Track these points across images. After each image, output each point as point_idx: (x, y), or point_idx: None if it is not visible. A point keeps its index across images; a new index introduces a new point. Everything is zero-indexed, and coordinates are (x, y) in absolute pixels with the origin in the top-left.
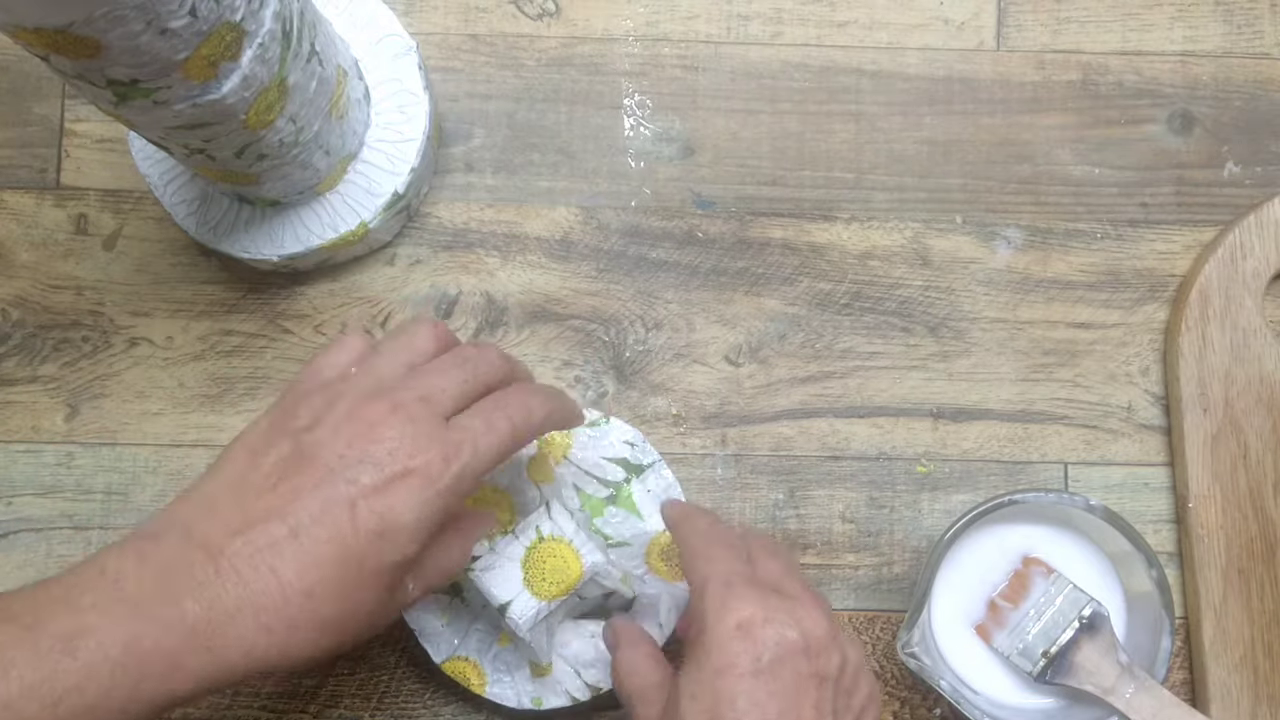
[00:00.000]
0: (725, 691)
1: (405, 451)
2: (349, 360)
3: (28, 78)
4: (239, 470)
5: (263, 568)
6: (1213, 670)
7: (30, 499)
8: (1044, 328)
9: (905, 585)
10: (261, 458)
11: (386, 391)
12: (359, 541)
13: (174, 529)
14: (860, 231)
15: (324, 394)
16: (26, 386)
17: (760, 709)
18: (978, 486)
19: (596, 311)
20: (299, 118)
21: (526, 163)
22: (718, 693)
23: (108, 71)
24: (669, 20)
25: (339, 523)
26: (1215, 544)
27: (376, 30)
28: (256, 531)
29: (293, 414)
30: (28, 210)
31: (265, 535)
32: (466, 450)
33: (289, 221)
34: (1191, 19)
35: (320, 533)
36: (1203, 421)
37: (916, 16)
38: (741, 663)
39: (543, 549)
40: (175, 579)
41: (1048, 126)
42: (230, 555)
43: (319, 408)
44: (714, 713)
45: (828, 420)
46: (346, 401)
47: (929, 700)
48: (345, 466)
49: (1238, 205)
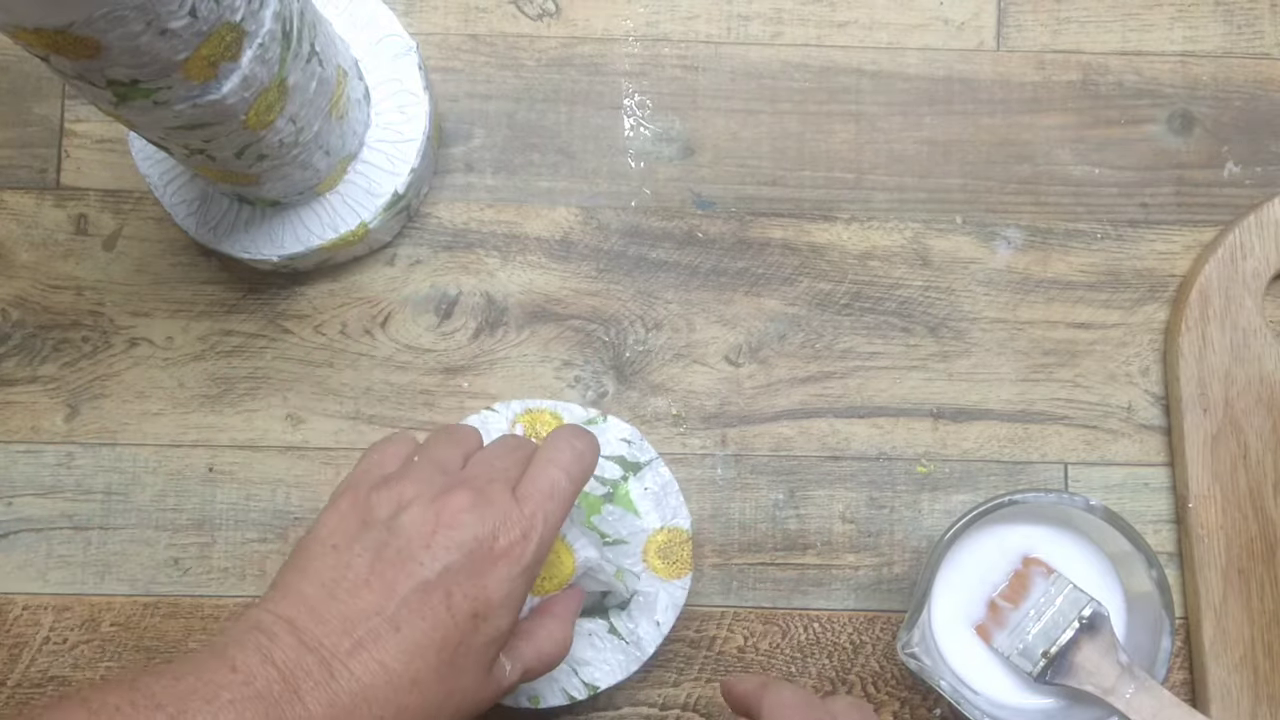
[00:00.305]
0: None
1: (490, 536)
2: (399, 455)
3: (28, 78)
4: (329, 569)
5: (371, 663)
6: (1213, 670)
7: (30, 499)
8: (1044, 328)
9: (905, 585)
10: (348, 554)
11: (458, 479)
12: (457, 627)
13: (283, 627)
14: (860, 231)
15: (394, 486)
16: (26, 386)
17: None
18: (978, 486)
19: (596, 311)
20: (299, 118)
21: (526, 163)
22: None
23: (108, 72)
24: (669, 20)
25: (437, 612)
26: (1215, 544)
27: (376, 30)
28: (362, 630)
29: (369, 507)
30: (28, 210)
31: (370, 632)
32: (539, 521)
33: (289, 222)
34: (1191, 19)
35: (421, 623)
36: (1203, 421)
37: (916, 16)
38: None
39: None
40: (297, 680)
41: (1048, 126)
42: (342, 657)
43: (396, 499)
44: None
45: (828, 420)
46: (422, 492)
47: (929, 700)
48: (435, 557)
49: (1238, 205)
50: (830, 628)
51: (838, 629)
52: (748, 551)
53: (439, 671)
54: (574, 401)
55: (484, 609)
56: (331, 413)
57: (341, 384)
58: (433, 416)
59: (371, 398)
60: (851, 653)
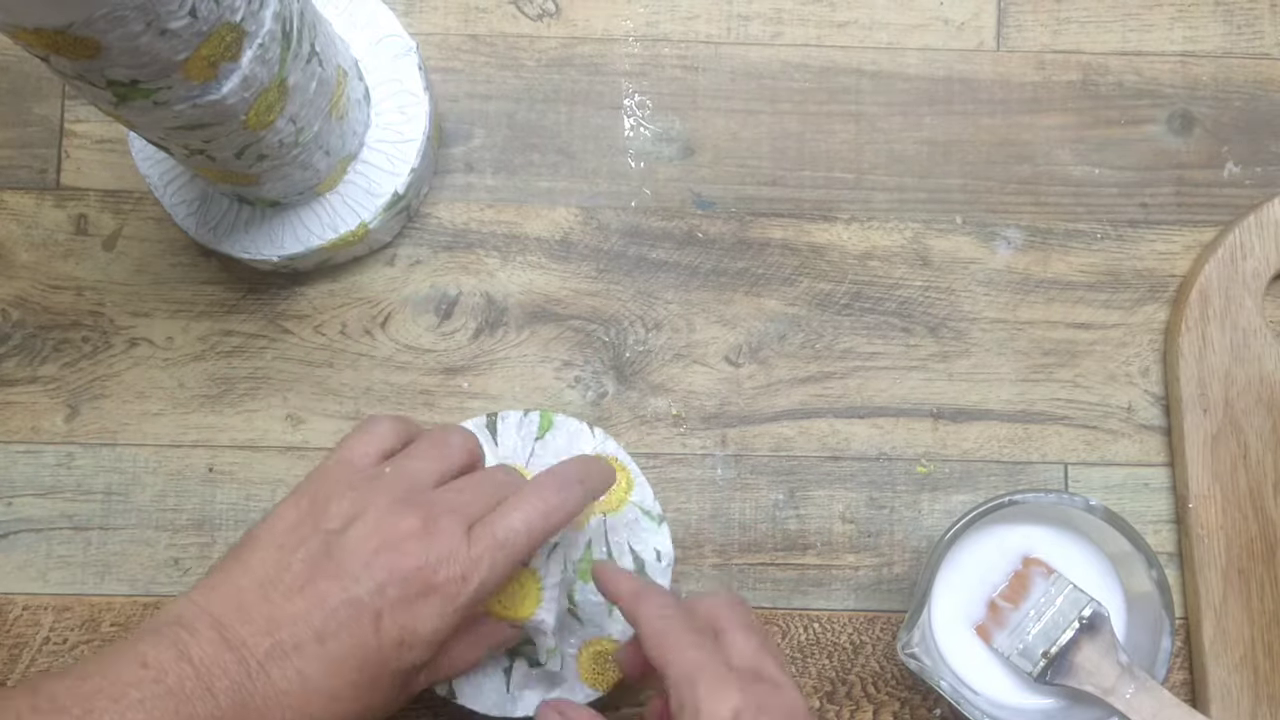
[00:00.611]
0: None
1: (430, 569)
2: (379, 449)
3: (28, 78)
4: (268, 567)
5: (290, 671)
6: (1213, 670)
7: (30, 499)
8: (1044, 328)
9: (905, 585)
10: (290, 555)
11: (417, 501)
12: (381, 650)
13: (207, 622)
14: (860, 232)
15: (355, 494)
16: (26, 387)
17: None
18: (978, 487)
19: (596, 312)
20: (299, 118)
21: (526, 163)
22: None
23: (108, 72)
24: (669, 20)
25: (364, 632)
26: (1215, 544)
27: (376, 30)
28: (285, 635)
29: (324, 511)
30: (28, 210)
31: (293, 640)
32: (484, 566)
33: (289, 222)
34: (1191, 19)
35: (346, 640)
36: (1203, 421)
37: (916, 16)
38: None
39: (519, 572)
40: (212, 678)
41: (1048, 126)
42: (261, 658)
43: (350, 509)
44: None
45: (828, 420)
46: (378, 507)
47: (929, 700)
48: (371, 577)
49: (1238, 205)
50: (830, 628)
51: (838, 629)
52: (748, 551)
53: (356, 688)
54: (573, 401)
55: (410, 639)
56: (331, 413)
57: (341, 384)
58: (433, 416)
59: (371, 398)
60: (851, 653)
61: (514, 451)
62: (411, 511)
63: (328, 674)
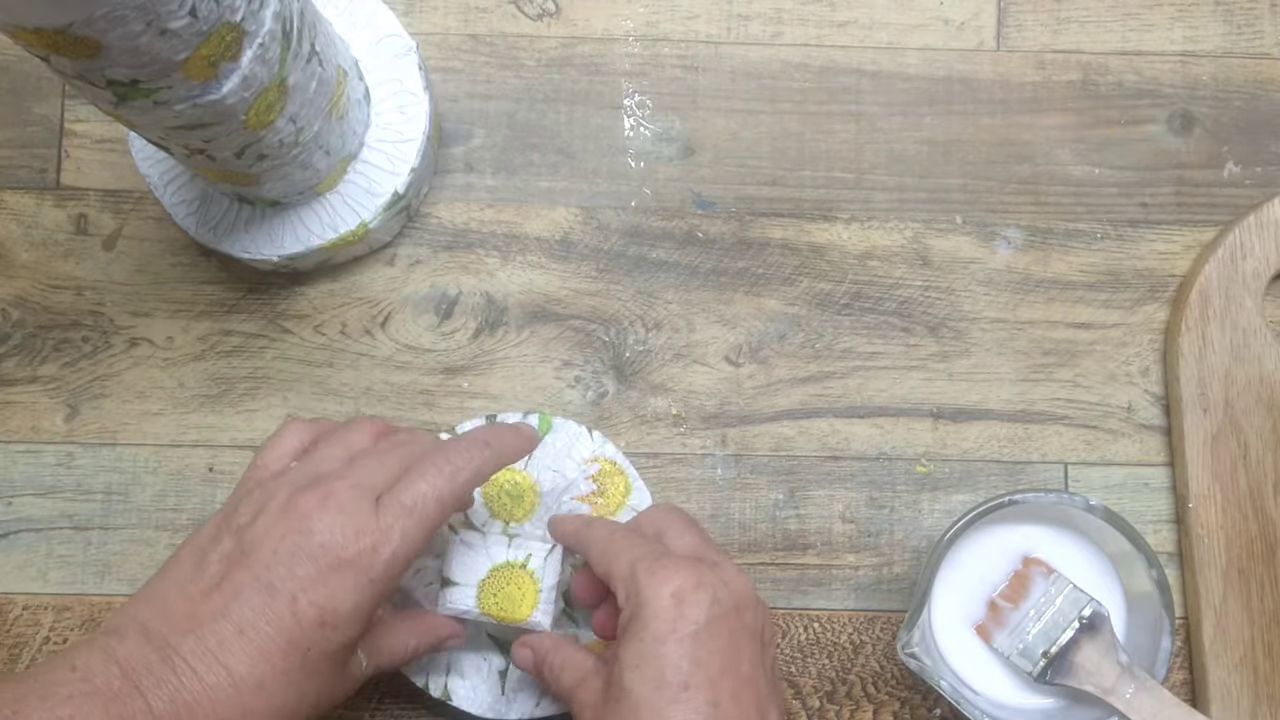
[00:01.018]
0: (669, 656)
1: (337, 543)
2: (290, 450)
3: (28, 78)
4: (186, 570)
5: (215, 665)
6: (1213, 670)
7: (30, 499)
8: (1044, 328)
9: (905, 585)
10: (207, 555)
11: (320, 482)
12: (303, 632)
13: (133, 627)
14: (860, 231)
15: (264, 489)
16: (26, 386)
17: (704, 667)
18: (978, 486)
19: (596, 311)
20: (299, 118)
21: (526, 163)
22: (662, 658)
23: (108, 72)
24: (669, 20)
25: (281, 617)
26: (1215, 544)
27: (376, 30)
28: (206, 630)
29: (235, 511)
30: (28, 210)
31: (214, 634)
32: (395, 536)
33: (289, 221)
34: (1191, 19)
35: (266, 628)
36: (1203, 421)
37: (916, 16)
38: (681, 627)
39: (517, 574)
40: (138, 677)
41: (1048, 126)
42: (185, 654)
43: (258, 503)
44: (660, 678)
45: (828, 420)
46: (282, 495)
47: (929, 700)
48: (281, 561)
49: (1238, 205)
50: (830, 628)
51: (838, 629)
52: (748, 551)
53: (288, 675)
54: (573, 401)
55: (330, 617)
56: (331, 413)
57: (341, 384)
58: (433, 416)
59: (371, 398)
60: (851, 653)
61: None
62: (314, 491)
63: (253, 664)
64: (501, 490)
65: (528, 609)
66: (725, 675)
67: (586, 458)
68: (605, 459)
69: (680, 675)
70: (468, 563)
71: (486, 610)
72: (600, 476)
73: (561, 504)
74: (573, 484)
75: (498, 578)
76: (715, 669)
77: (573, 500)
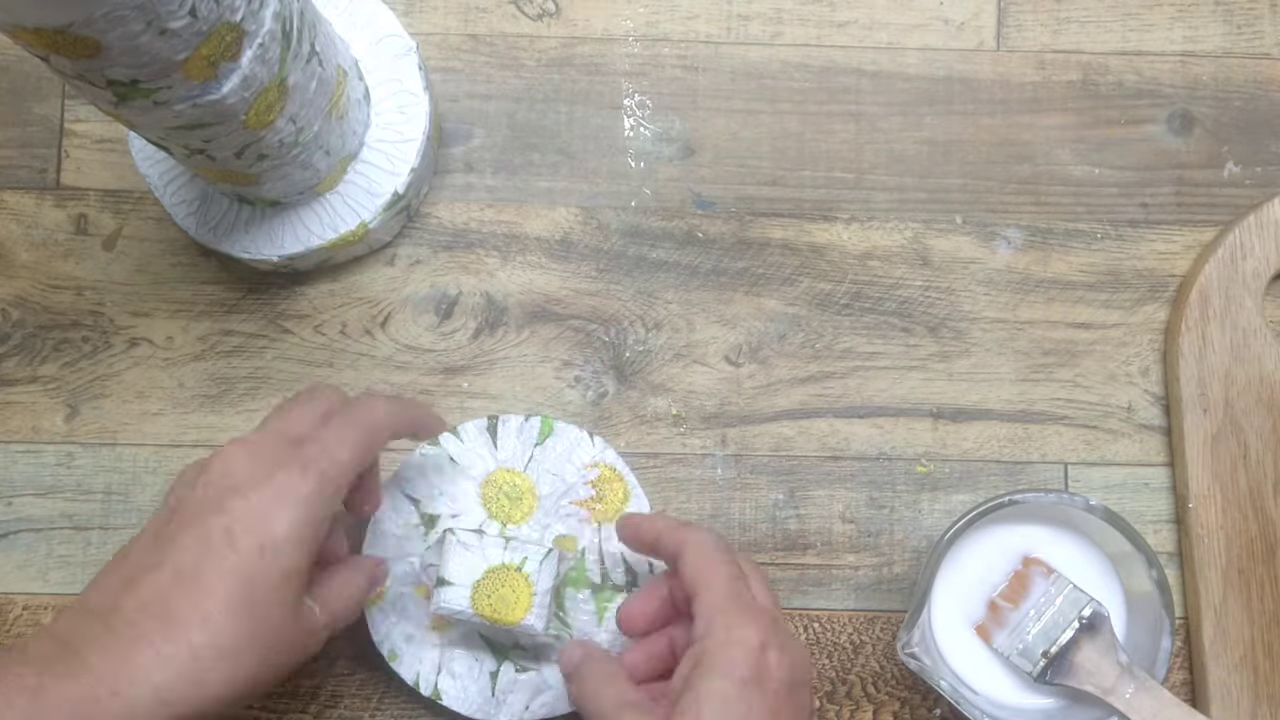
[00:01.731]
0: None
1: (263, 471)
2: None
3: (28, 78)
4: (126, 548)
5: (153, 610)
6: (1213, 670)
7: (30, 499)
8: (1044, 328)
9: (905, 585)
10: (147, 532)
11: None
12: (244, 561)
13: (75, 607)
14: (860, 231)
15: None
16: (26, 386)
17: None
18: (978, 486)
19: (596, 311)
20: (299, 118)
21: (526, 163)
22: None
23: (108, 72)
24: (669, 20)
25: (219, 550)
26: (1215, 544)
27: (376, 30)
28: (142, 585)
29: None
30: (28, 210)
31: (151, 585)
32: (322, 459)
33: (289, 222)
34: (1191, 19)
35: (205, 564)
36: (1203, 421)
37: (916, 16)
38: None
39: (512, 576)
40: (76, 644)
41: (1048, 126)
42: (122, 610)
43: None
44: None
45: (828, 420)
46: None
47: (929, 700)
48: (210, 501)
49: (1238, 205)
50: (830, 628)
51: (838, 629)
52: (748, 551)
53: (232, 608)
54: (573, 401)
55: (269, 542)
56: None
57: (342, 384)
58: None
59: None
60: (851, 653)
61: (513, 455)
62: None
63: (195, 601)
64: (500, 492)
65: (521, 611)
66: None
67: (586, 463)
68: (605, 465)
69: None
70: (463, 563)
71: (480, 611)
72: (599, 482)
73: (559, 508)
74: (571, 488)
75: (493, 579)
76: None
77: (571, 505)
